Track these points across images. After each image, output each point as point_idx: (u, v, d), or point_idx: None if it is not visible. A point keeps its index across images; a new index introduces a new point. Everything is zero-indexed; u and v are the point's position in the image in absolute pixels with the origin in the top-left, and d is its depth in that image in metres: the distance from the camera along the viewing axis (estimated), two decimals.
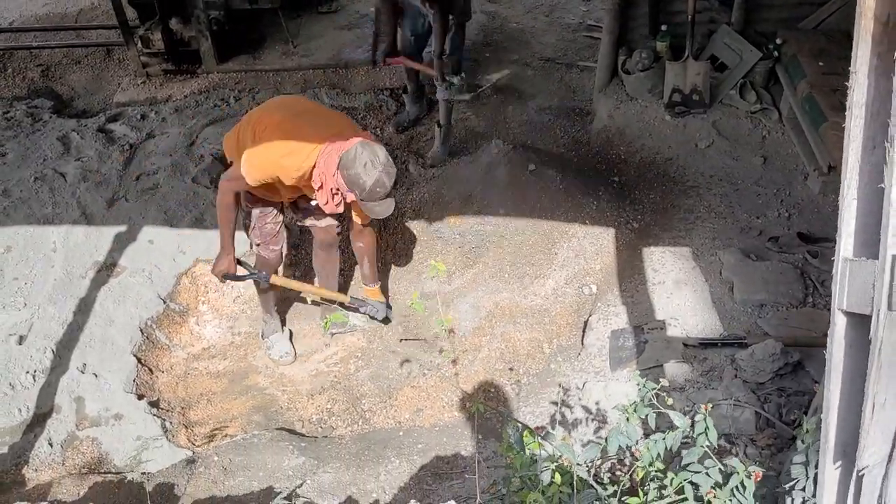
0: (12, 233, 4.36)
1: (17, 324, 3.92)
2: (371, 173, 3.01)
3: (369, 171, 3.01)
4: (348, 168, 3.02)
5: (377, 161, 3.02)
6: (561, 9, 6.55)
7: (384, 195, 3.10)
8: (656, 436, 1.96)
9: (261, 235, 3.63)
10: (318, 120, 3.30)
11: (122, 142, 5.04)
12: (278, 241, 3.69)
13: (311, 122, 3.25)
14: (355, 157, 3.01)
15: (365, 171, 3.00)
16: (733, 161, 4.51)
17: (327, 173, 3.10)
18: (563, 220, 4.18)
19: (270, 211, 3.58)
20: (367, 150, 3.02)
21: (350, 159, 3.01)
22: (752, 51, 4.73)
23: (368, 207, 3.16)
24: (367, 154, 3.01)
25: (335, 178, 3.08)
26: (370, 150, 3.03)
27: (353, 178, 3.03)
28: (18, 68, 6.10)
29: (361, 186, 3.04)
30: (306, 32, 6.22)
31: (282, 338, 3.99)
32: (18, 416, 3.55)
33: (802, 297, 3.55)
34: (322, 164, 3.11)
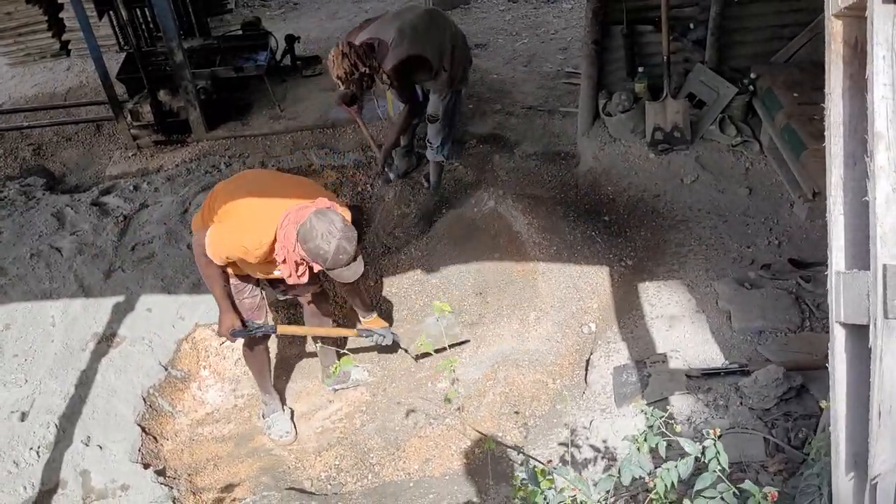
0: (11, 310, 4.36)
1: (19, 400, 3.89)
2: (330, 242, 2.97)
3: (329, 240, 2.96)
4: (307, 241, 2.98)
5: (334, 229, 2.98)
6: (539, 58, 6.72)
7: (348, 260, 3.05)
8: (668, 464, 1.97)
9: (242, 311, 3.55)
10: (275, 192, 3.24)
11: (116, 213, 5.09)
12: (261, 314, 3.64)
13: (268, 196, 3.20)
14: (311, 228, 2.97)
15: (325, 241, 2.96)
16: (719, 193, 4.60)
17: (288, 247, 3.06)
18: (557, 262, 4.23)
19: (245, 287, 3.52)
20: (323, 219, 2.98)
21: (307, 231, 2.97)
22: (728, 86, 4.86)
23: (336, 274, 3.12)
24: (324, 224, 2.97)
25: (296, 251, 3.05)
26: (326, 220, 2.98)
27: (313, 250, 2.99)
28: (10, 148, 6.19)
29: (323, 257, 3.00)
30: (292, 96, 6.35)
31: (282, 417, 3.91)
32: (24, 494, 3.50)
33: (799, 321, 3.59)
34: (282, 239, 3.06)
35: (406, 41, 4.34)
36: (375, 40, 4.36)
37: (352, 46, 4.25)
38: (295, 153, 5.69)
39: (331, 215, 3.01)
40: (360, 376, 4.09)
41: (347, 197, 5.29)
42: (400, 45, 4.33)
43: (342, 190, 5.36)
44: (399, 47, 4.33)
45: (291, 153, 5.70)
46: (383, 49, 4.34)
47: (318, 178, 5.45)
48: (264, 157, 5.65)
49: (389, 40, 4.34)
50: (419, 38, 4.41)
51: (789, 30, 4.93)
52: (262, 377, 3.86)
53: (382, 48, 4.34)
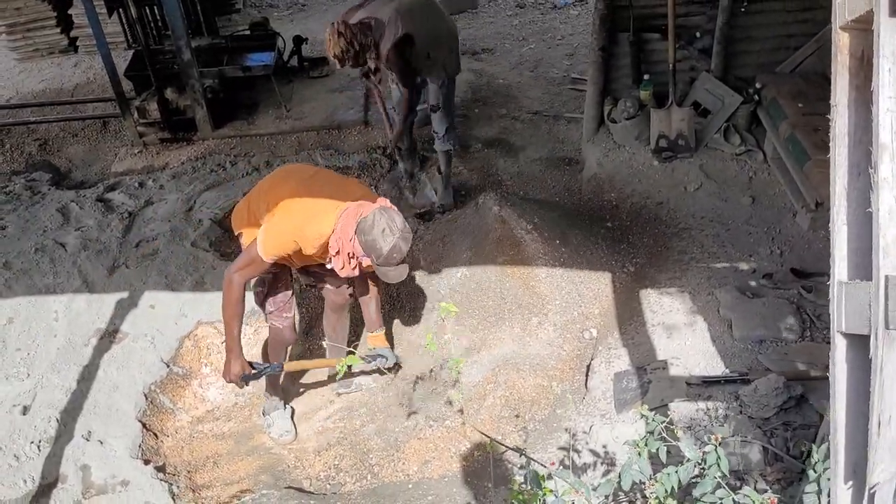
0: (14, 304, 4.37)
1: (21, 394, 3.90)
2: (388, 240, 3.02)
3: (387, 237, 3.02)
4: (366, 234, 3.03)
5: (395, 227, 3.04)
6: (545, 64, 6.75)
7: (400, 261, 3.11)
8: (669, 469, 1.98)
9: (274, 303, 3.59)
10: (332, 186, 3.32)
11: (121, 210, 5.10)
12: (290, 308, 3.66)
13: (326, 188, 3.27)
14: (373, 223, 3.02)
15: (382, 238, 3.01)
16: (722, 202, 4.61)
17: (344, 239, 3.10)
18: (559, 266, 4.24)
19: (283, 276, 3.56)
20: (385, 216, 3.04)
21: (368, 225, 3.03)
22: (733, 95, 4.88)
23: (383, 272, 3.17)
24: (385, 220, 3.03)
25: (352, 243, 3.09)
26: (388, 217, 3.04)
27: (370, 244, 3.04)
28: (16, 143, 6.21)
29: (378, 252, 3.05)
30: (299, 96, 6.37)
31: (282, 416, 3.91)
32: (24, 488, 3.50)
33: (800, 331, 3.60)
34: (339, 230, 3.11)
35: (402, 20, 4.41)
36: (371, 19, 4.42)
37: (347, 25, 4.31)
38: (300, 154, 5.71)
39: (393, 214, 3.08)
40: (364, 381, 4.09)
41: None
42: (397, 22, 4.40)
43: None
44: (396, 25, 4.40)
45: (297, 153, 5.72)
46: (380, 28, 4.40)
47: None
48: (270, 156, 5.67)
49: (386, 19, 4.41)
50: (415, 19, 4.49)
51: (795, 40, 4.95)
52: (275, 378, 3.86)
53: (379, 27, 4.40)
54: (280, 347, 3.78)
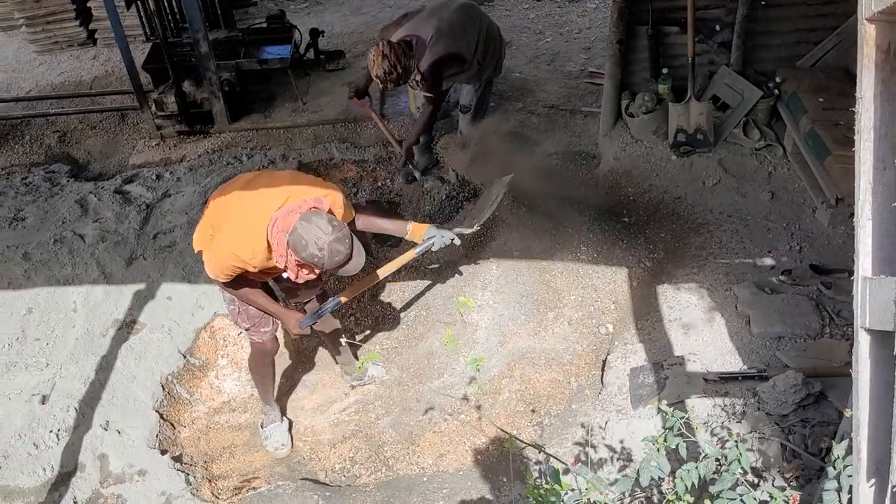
0: (34, 294, 4.42)
1: (40, 384, 3.95)
2: (322, 249, 2.83)
3: (320, 247, 2.83)
4: (299, 251, 2.86)
5: (321, 234, 2.83)
6: (562, 57, 6.70)
7: (345, 259, 2.92)
8: (689, 465, 1.96)
9: (248, 319, 3.47)
10: (259, 194, 3.11)
11: (139, 202, 5.13)
12: (269, 321, 3.51)
13: (252, 200, 3.08)
14: (299, 237, 2.84)
15: (317, 249, 2.83)
16: (741, 197, 4.57)
17: (283, 253, 2.95)
18: (575, 261, 4.23)
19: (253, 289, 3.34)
20: (309, 225, 2.84)
21: (296, 242, 2.85)
22: (752, 90, 4.83)
23: (339, 273, 3.03)
24: (312, 230, 2.83)
25: (292, 258, 2.95)
26: (312, 225, 2.84)
27: (308, 258, 2.86)
28: (36, 135, 6.25)
29: (319, 263, 2.88)
30: (315, 90, 6.37)
31: (279, 428, 3.84)
32: (43, 476, 3.55)
33: (819, 328, 3.56)
34: (275, 247, 2.94)
35: (444, 39, 4.43)
36: (413, 37, 4.43)
37: (391, 46, 4.30)
38: (316, 147, 5.71)
39: (315, 218, 2.86)
40: (376, 373, 4.09)
41: (367, 192, 5.32)
42: (437, 43, 4.42)
43: (362, 184, 5.38)
44: (437, 45, 4.42)
45: (313, 147, 5.73)
46: (420, 47, 4.43)
47: (338, 173, 5.49)
48: (286, 149, 5.68)
49: (427, 38, 4.43)
50: (455, 35, 4.50)
51: (816, 34, 4.88)
52: (264, 388, 3.81)
53: (420, 46, 4.43)
54: (263, 359, 3.69)
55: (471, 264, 4.38)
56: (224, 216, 3.14)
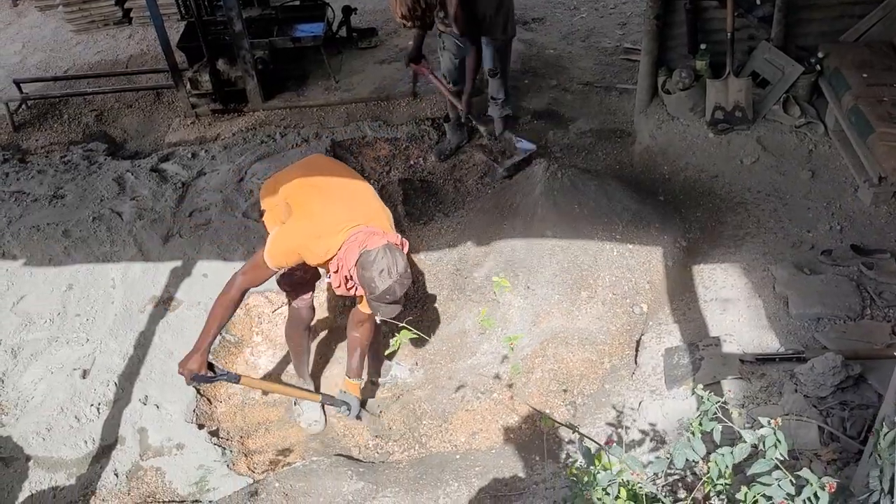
0: (73, 271, 4.50)
1: (81, 358, 4.03)
2: (385, 281, 2.96)
3: (384, 278, 2.95)
4: (364, 269, 2.96)
5: (394, 271, 2.96)
6: (597, 33, 6.60)
7: (392, 301, 3.04)
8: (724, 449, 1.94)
9: (290, 284, 3.57)
10: (351, 199, 3.23)
11: (175, 180, 5.19)
12: (308, 289, 3.63)
13: (344, 201, 3.20)
14: (374, 260, 2.95)
15: (380, 278, 2.95)
16: (780, 176, 4.48)
17: (346, 263, 3.04)
18: (609, 240, 4.18)
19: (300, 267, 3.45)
20: (388, 257, 2.96)
21: (369, 261, 2.96)
22: (793, 65, 4.72)
23: (374, 305, 3.10)
24: (387, 262, 2.95)
25: (352, 270, 3.04)
26: (390, 258, 2.97)
27: (366, 279, 2.98)
28: (74, 114, 6.33)
29: (372, 290, 2.99)
30: (348, 68, 6.36)
31: (313, 406, 3.87)
32: (84, 448, 3.64)
33: (860, 309, 3.50)
34: (343, 253, 3.04)
35: None
36: None
37: None
38: (349, 125, 5.71)
39: (398, 257, 3.00)
40: (399, 373, 4.06)
41: (400, 170, 5.31)
42: None
43: (395, 163, 5.38)
44: None
45: (346, 125, 5.73)
46: None
47: (371, 151, 5.48)
48: (319, 128, 5.69)
49: None
50: None
51: (860, 7, 4.75)
52: (299, 360, 3.88)
53: None
54: (298, 326, 3.75)
55: (502, 244, 4.36)
56: (305, 206, 3.19)
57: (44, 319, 4.26)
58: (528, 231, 4.31)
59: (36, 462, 3.58)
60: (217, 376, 3.33)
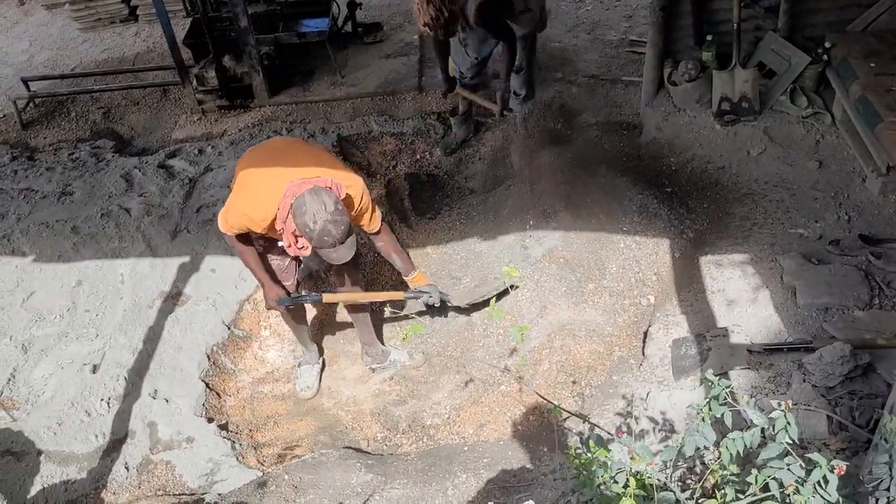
0: (82, 267, 4.53)
1: (91, 353, 4.06)
2: (317, 222, 3.00)
3: (316, 219, 3.00)
4: (296, 216, 3.03)
5: (323, 210, 3.00)
6: (602, 26, 6.59)
7: (334, 243, 3.07)
8: (734, 434, 1.94)
9: (270, 273, 3.62)
10: (286, 162, 3.28)
11: (182, 176, 5.21)
12: (288, 276, 3.71)
13: (278, 166, 3.25)
14: (302, 203, 3.00)
15: (311, 220, 3.00)
16: (788, 166, 4.47)
17: (284, 219, 3.12)
18: (616, 232, 4.18)
19: (273, 246, 3.57)
20: (315, 198, 3.00)
21: (298, 207, 3.01)
22: (800, 56, 4.69)
23: (324, 254, 3.15)
24: (315, 203, 2.99)
25: (289, 222, 3.10)
26: (318, 199, 3.00)
27: (301, 226, 3.04)
28: (81, 111, 6.36)
29: (309, 234, 3.04)
30: (353, 63, 6.38)
31: (309, 370, 4.02)
32: (95, 442, 3.66)
33: (868, 299, 3.48)
34: (281, 212, 3.11)
35: None
36: None
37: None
38: (355, 120, 5.72)
39: (324, 196, 3.02)
40: (399, 357, 4.07)
41: (406, 164, 5.32)
42: None
43: (401, 157, 5.38)
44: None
45: (351, 120, 5.74)
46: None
47: (377, 146, 5.49)
48: (325, 123, 5.70)
49: None
50: None
51: None
52: (298, 331, 3.98)
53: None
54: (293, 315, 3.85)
55: (508, 236, 4.36)
56: (248, 175, 3.30)
57: (54, 315, 4.29)
58: (535, 223, 4.31)
59: (47, 456, 3.61)
60: (302, 297, 3.68)
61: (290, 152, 3.41)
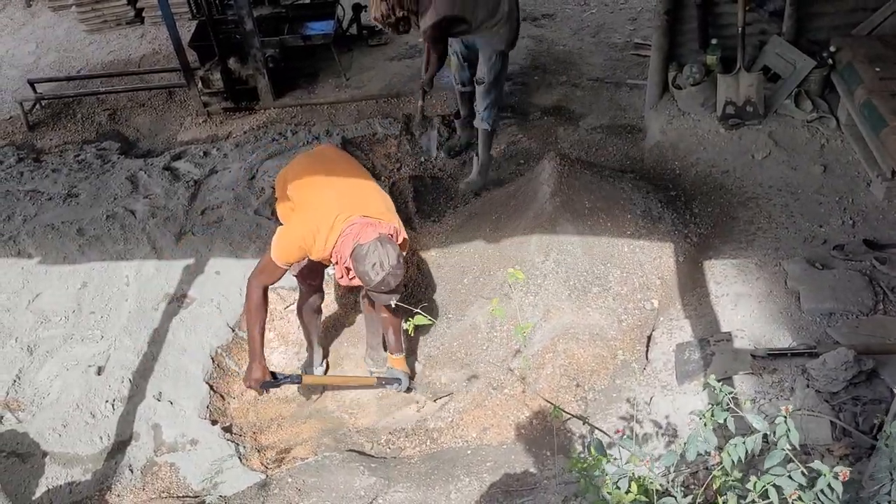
0: (88, 269, 4.55)
1: (96, 355, 4.07)
2: (378, 274, 3.06)
3: (377, 271, 3.06)
4: (358, 262, 3.08)
5: (386, 264, 3.06)
6: (607, 29, 6.59)
7: (387, 291, 3.14)
8: (736, 439, 1.95)
9: (297, 267, 3.66)
10: (348, 192, 3.29)
11: (187, 178, 5.23)
12: (317, 275, 3.77)
13: (339, 195, 3.26)
14: (367, 254, 3.05)
15: (372, 270, 3.06)
16: (792, 171, 4.47)
17: (343, 256, 3.16)
18: (619, 236, 4.18)
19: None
20: (380, 250, 3.06)
21: (362, 255, 3.07)
22: (805, 60, 4.70)
23: (372, 295, 3.24)
24: (378, 255, 3.05)
25: (348, 262, 3.14)
26: (382, 251, 3.06)
27: (360, 272, 3.09)
28: (87, 113, 6.38)
29: (367, 282, 3.10)
30: (358, 65, 6.39)
31: (313, 372, 4.09)
32: (100, 444, 3.68)
33: (872, 304, 3.49)
34: (339, 247, 3.15)
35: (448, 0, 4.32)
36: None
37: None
38: (359, 122, 5.73)
39: (389, 248, 3.09)
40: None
41: (410, 167, 5.32)
42: (443, 2, 4.31)
43: (405, 160, 5.39)
44: (442, 4, 4.31)
45: (356, 122, 5.75)
46: (427, 1, 4.33)
47: (381, 148, 5.50)
48: (329, 125, 5.71)
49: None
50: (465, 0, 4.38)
51: (873, 0, 4.72)
52: (308, 331, 4.01)
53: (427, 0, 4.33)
54: (308, 308, 3.91)
55: (512, 240, 4.36)
56: (304, 201, 3.31)
57: (59, 317, 4.31)
58: (539, 227, 4.32)
59: (52, 458, 3.63)
60: (282, 380, 3.55)
61: (346, 170, 3.45)
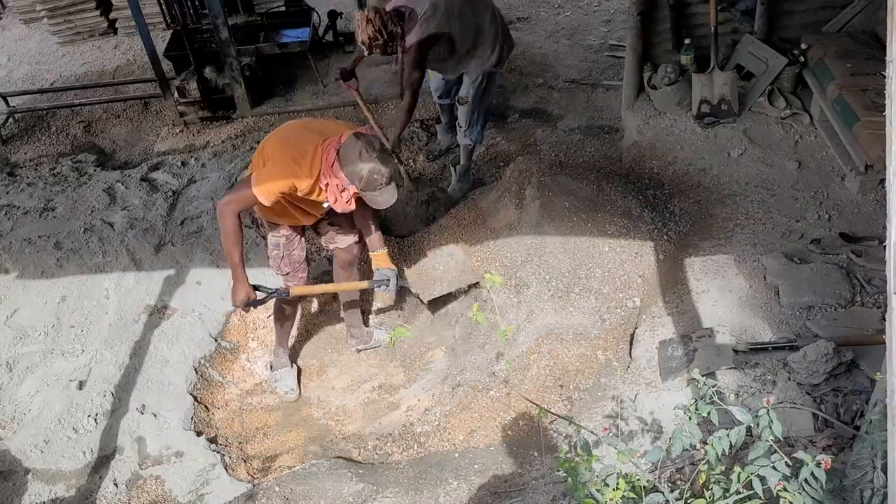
0: (67, 282, 4.51)
1: (77, 369, 4.03)
2: (367, 162, 3.10)
3: (364, 159, 3.09)
4: (345, 163, 3.13)
5: (371, 149, 3.11)
6: (582, 31, 6.64)
7: (383, 182, 3.17)
8: (720, 432, 1.97)
9: (290, 264, 3.71)
10: (318, 127, 3.42)
11: (165, 189, 5.19)
12: (304, 267, 3.81)
13: (312, 130, 3.37)
14: (349, 147, 3.12)
15: (361, 160, 3.10)
16: (768, 167, 4.52)
17: (328, 170, 3.20)
18: (600, 236, 4.21)
19: (296, 236, 3.68)
20: (361, 140, 3.13)
21: (345, 151, 3.13)
22: (777, 57, 4.76)
23: (371, 198, 3.24)
24: (361, 144, 3.11)
25: (336, 172, 3.18)
26: (364, 140, 3.13)
27: (349, 171, 3.14)
28: (62, 126, 6.32)
29: (359, 176, 3.13)
30: (335, 72, 6.35)
31: (289, 373, 4.07)
32: (83, 459, 3.64)
33: (850, 296, 3.53)
34: (323, 163, 3.21)
35: (437, 18, 4.29)
36: (407, 9, 4.32)
37: (378, 12, 4.22)
38: None
39: (370, 138, 3.17)
40: (382, 337, 4.19)
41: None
42: (430, 20, 4.28)
43: None
44: (428, 22, 4.28)
45: None
46: (413, 19, 4.31)
47: None
48: None
49: (421, 13, 4.30)
50: (452, 17, 4.35)
51: None
52: (283, 331, 4.02)
53: (412, 18, 4.31)
54: (282, 314, 3.94)
55: (494, 242, 4.37)
56: (282, 143, 3.34)
57: (38, 332, 4.26)
58: (519, 229, 4.33)
59: (34, 475, 3.58)
60: (267, 296, 3.56)
61: (315, 123, 3.58)
